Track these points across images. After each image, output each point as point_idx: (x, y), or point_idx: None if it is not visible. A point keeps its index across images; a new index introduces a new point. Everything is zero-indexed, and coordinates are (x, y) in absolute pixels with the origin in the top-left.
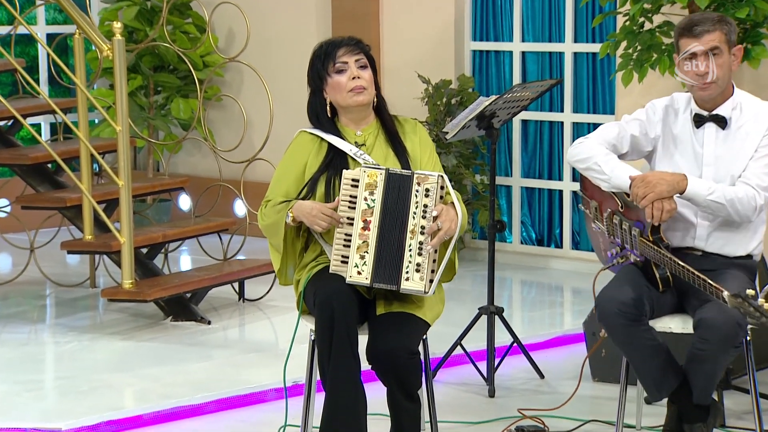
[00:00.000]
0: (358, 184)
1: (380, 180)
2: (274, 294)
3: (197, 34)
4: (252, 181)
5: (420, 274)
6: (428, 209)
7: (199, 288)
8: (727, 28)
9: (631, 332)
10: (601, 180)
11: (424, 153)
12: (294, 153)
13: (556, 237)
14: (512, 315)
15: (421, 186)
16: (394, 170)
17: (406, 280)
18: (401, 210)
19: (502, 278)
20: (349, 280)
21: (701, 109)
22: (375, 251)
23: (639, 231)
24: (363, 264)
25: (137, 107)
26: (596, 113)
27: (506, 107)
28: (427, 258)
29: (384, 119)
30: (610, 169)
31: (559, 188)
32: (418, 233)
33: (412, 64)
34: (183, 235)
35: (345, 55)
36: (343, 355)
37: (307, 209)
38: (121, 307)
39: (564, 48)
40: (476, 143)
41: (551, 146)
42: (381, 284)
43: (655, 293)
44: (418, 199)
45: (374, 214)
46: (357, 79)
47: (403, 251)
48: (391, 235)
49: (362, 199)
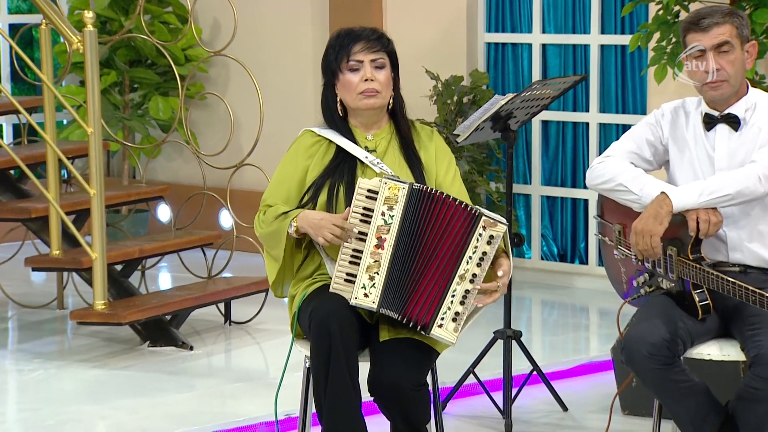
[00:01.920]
0: (376, 196)
1: (402, 195)
2: (264, 316)
3: (178, 25)
4: (239, 189)
5: (456, 324)
6: (486, 258)
7: (181, 309)
8: (738, 21)
9: (663, 376)
10: (630, 201)
11: (440, 164)
12: (297, 154)
13: (581, 252)
14: (531, 339)
15: (486, 231)
16: (419, 186)
17: (439, 327)
18: (422, 232)
19: (521, 298)
20: (353, 301)
21: (712, 110)
22: (387, 273)
23: (676, 250)
24: (372, 286)
25: (111, 106)
26: (625, 113)
27: (524, 107)
28: (468, 310)
29: (399, 124)
30: (638, 187)
31: (584, 197)
32: (467, 280)
33: (418, 58)
34: (162, 249)
35: (361, 51)
36: (342, 385)
37: (314, 219)
38: (92, 330)
39: (590, 40)
40: (491, 147)
41: (575, 150)
42: (388, 310)
43: (692, 323)
44: (478, 244)
45: (391, 232)
46: (370, 81)
47: (439, 291)
48: (407, 258)
49: (379, 213)
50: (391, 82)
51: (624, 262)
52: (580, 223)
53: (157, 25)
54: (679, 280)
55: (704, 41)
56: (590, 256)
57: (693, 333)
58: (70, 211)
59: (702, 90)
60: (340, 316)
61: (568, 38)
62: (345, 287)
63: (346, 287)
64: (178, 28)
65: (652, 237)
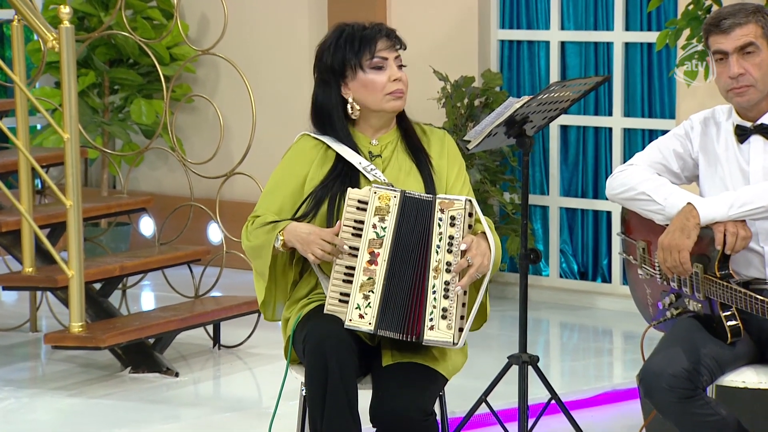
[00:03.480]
0: (366, 207)
1: (394, 204)
2: (256, 339)
3: (163, 21)
4: (230, 200)
5: (447, 321)
6: (455, 242)
7: (165, 332)
8: (763, 20)
9: (684, 410)
10: (652, 212)
11: (451, 170)
12: (293, 161)
13: (604, 269)
14: (549, 365)
15: (445, 213)
16: (412, 193)
17: (431, 329)
18: (419, 243)
19: (537, 320)
20: (348, 324)
21: (744, 120)
22: (383, 291)
23: (702, 267)
24: (366, 305)
25: (89, 110)
26: (652, 117)
27: (542, 110)
28: (455, 301)
29: (406, 127)
30: (663, 196)
31: (607, 209)
32: (443, 271)
33: (425, 57)
34: (145, 267)
35: (386, 49)
36: (340, 415)
37: (302, 233)
38: (68, 355)
39: (613, 37)
40: (505, 154)
41: (597, 158)
42: (387, 332)
43: (720, 348)
44: (441, 230)
45: (384, 245)
46: (398, 81)
47: (421, 294)
48: (404, 272)
49: (370, 226)
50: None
51: (649, 282)
52: (602, 237)
53: (140, 21)
54: (706, 300)
55: (726, 44)
56: (614, 274)
57: (721, 360)
58: (45, 225)
59: (728, 96)
60: (336, 339)
61: (589, 35)
62: (340, 308)
63: (341, 308)
64: (162, 25)
65: (680, 252)
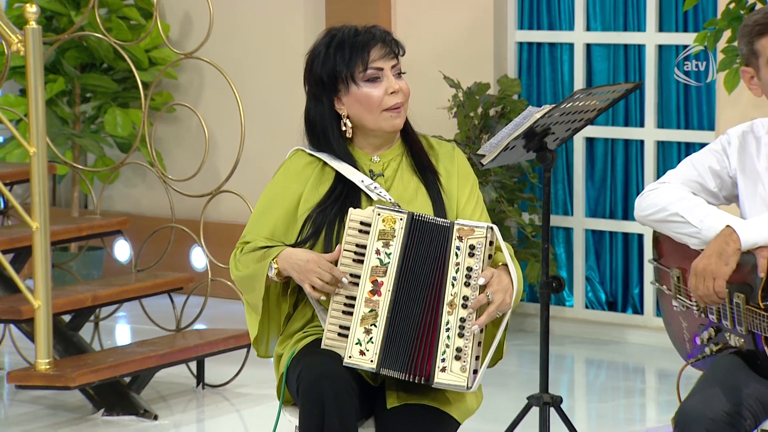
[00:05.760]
0: (368, 230)
1: (400, 228)
2: (245, 377)
3: (141, 21)
4: (216, 221)
5: (461, 362)
6: (473, 274)
7: (143, 369)
8: None
9: None
10: (687, 235)
11: (462, 190)
12: (286, 178)
13: (635, 299)
14: (574, 407)
15: (463, 242)
16: (423, 216)
17: (442, 371)
18: (431, 273)
19: (561, 356)
20: (347, 361)
21: None
22: (386, 325)
23: (744, 297)
24: (368, 341)
25: (58, 121)
26: (689, 128)
27: (565, 121)
28: (471, 341)
29: (411, 141)
30: (698, 218)
31: (638, 231)
32: (458, 306)
33: (435, 62)
34: (120, 296)
35: (381, 59)
36: None
37: (299, 260)
38: (34, 396)
39: (645, 39)
40: (524, 170)
41: (627, 174)
42: (391, 371)
43: (765, 388)
44: (459, 260)
45: (388, 273)
46: (396, 94)
47: (433, 330)
48: (413, 304)
49: (373, 251)
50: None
51: (685, 315)
52: (633, 263)
53: (115, 21)
54: (748, 334)
55: None
56: (646, 304)
57: (767, 402)
58: (8, 250)
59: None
60: (334, 378)
61: (618, 37)
62: (339, 342)
63: (341, 342)
64: (140, 25)
65: (715, 280)
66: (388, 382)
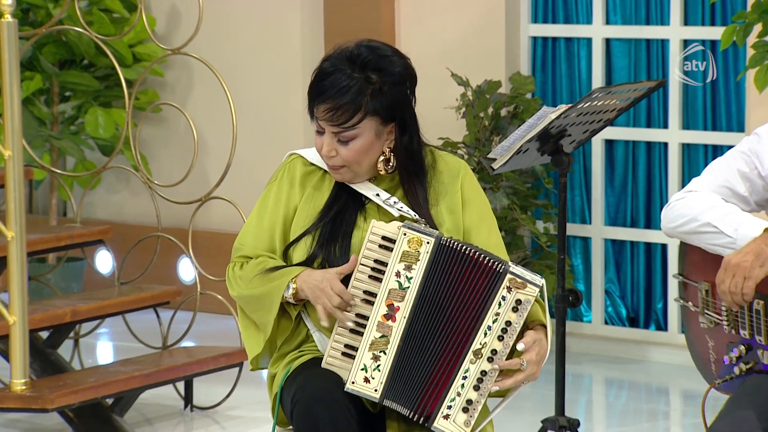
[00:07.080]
0: (391, 247)
1: (425, 252)
2: (237, 398)
3: (125, 14)
4: (205, 229)
5: (467, 416)
6: (510, 329)
7: (126, 390)
8: None
9: None
10: (721, 246)
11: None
12: (281, 186)
13: (658, 314)
14: (592, 431)
15: (511, 293)
16: (456, 243)
17: (445, 418)
18: (458, 310)
19: (578, 376)
20: (350, 387)
21: None
22: (396, 354)
23: (764, 304)
24: (375, 368)
25: (35, 121)
26: (716, 130)
27: (582, 122)
28: (484, 398)
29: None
30: (732, 227)
31: (662, 241)
32: (484, 358)
33: (442, 59)
34: (102, 311)
35: (323, 119)
36: None
37: (315, 280)
38: (8, 419)
39: (669, 33)
40: (538, 175)
41: (649, 179)
42: (395, 404)
43: None
44: (500, 311)
45: (406, 300)
46: (332, 157)
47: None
48: (429, 338)
49: (393, 273)
50: (373, 148)
51: (712, 333)
52: (656, 275)
53: (97, 14)
54: None
55: None
56: (670, 320)
57: None
58: None
59: None
60: (330, 401)
61: (639, 31)
62: (342, 362)
63: (344, 362)
64: (124, 18)
65: (746, 280)
66: (388, 410)
